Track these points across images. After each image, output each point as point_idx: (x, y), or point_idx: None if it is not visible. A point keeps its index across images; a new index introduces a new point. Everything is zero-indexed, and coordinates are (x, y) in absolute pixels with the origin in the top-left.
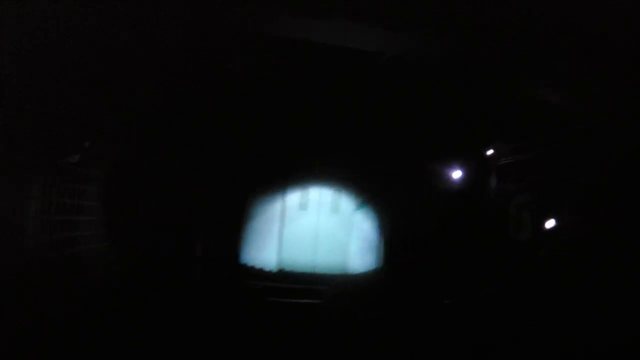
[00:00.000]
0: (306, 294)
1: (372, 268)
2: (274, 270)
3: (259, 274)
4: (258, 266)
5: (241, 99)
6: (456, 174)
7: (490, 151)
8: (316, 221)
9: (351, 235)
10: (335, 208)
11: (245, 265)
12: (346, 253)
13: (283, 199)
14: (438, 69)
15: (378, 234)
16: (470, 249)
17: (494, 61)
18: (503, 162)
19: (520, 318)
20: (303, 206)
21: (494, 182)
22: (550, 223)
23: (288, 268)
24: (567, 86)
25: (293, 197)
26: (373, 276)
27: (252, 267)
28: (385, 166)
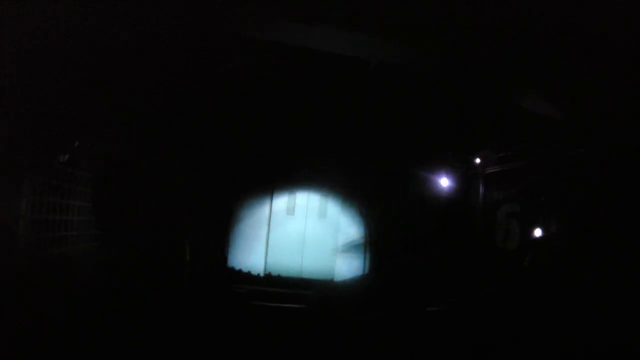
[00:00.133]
0: (293, 299)
1: (359, 273)
2: (261, 274)
3: (246, 278)
4: (245, 270)
5: (231, 104)
6: (444, 182)
7: (478, 159)
8: (303, 226)
9: (338, 240)
10: (322, 213)
11: (232, 269)
12: (333, 258)
13: (271, 204)
14: (429, 78)
15: (364, 240)
16: (457, 255)
17: (485, 70)
18: (491, 171)
19: (508, 322)
20: (290, 211)
21: (482, 190)
22: (537, 231)
23: (275, 272)
24: (561, 94)
25: (281, 202)
26: (359, 281)
27: (240, 271)
28: (373, 172)
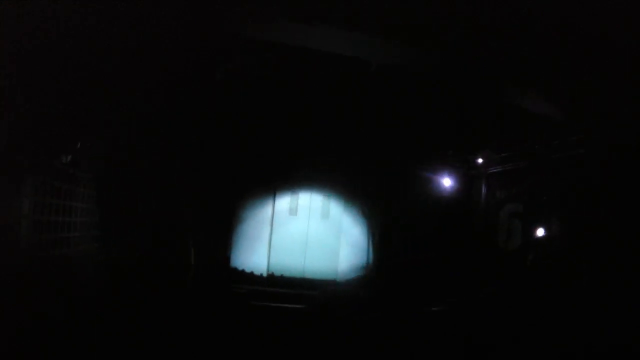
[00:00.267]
0: (295, 299)
1: (361, 273)
2: (264, 274)
3: (249, 278)
4: (248, 270)
5: (233, 104)
6: (446, 182)
7: (479, 159)
8: (306, 226)
9: (341, 240)
10: (325, 213)
11: (235, 269)
12: (335, 258)
13: (273, 204)
14: (430, 78)
15: (367, 240)
16: (458, 255)
17: (485, 70)
18: (492, 171)
19: (508, 322)
20: (293, 211)
21: (484, 190)
22: (538, 231)
23: (278, 272)
24: (561, 94)
25: (283, 202)
26: (361, 281)
27: (242, 271)
28: (375, 173)
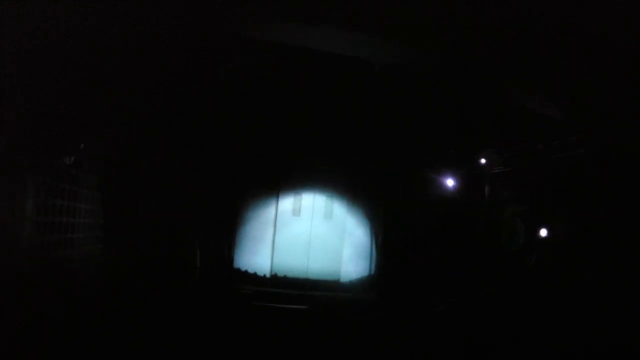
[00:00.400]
0: (298, 300)
1: (364, 274)
2: (267, 275)
3: (252, 279)
4: (251, 271)
5: (237, 105)
6: (449, 182)
7: (481, 160)
8: (309, 227)
9: (344, 241)
10: (328, 214)
11: (238, 270)
12: (339, 259)
13: (277, 205)
14: (432, 78)
15: (370, 241)
16: (459, 255)
17: (488, 70)
18: (494, 171)
19: (508, 322)
20: (296, 212)
21: (486, 190)
22: (538, 231)
23: (281, 273)
24: (561, 94)
25: (287, 203)
26: (364, 282)
27: (245, 272)
28: (379, 173)
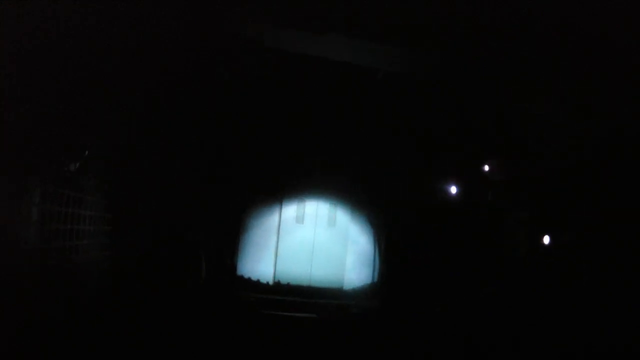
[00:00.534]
0: (302, 307)
1: (368, 281)
2: (270, 282)
3: (255, 286)
4: (254, 278)
5: (241, 112)
6: (453, 188)
7: (484, 164)
8: (313, 234)
9: (347, 248)
10: (331, 221)
11: (241, 277)
12: (342, 266)
13: (280, 212)
14: (436, 85)
15: (374, 248)
16: (466, 263)
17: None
18: (496, 174)
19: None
20: (300, 219)
21: (488, 194)
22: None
23: (284, 280)
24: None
25: (290, 210)
26: (368, 290)
27: (249, 279)
28: (382, 180)
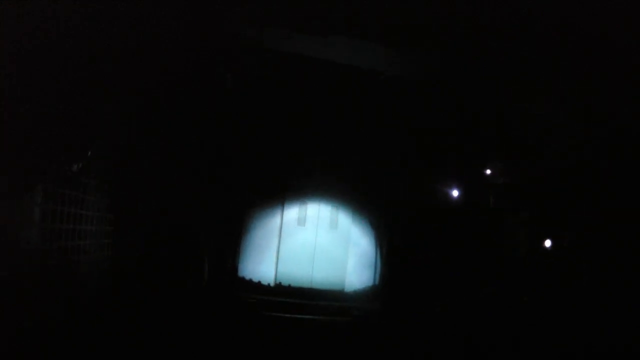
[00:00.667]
0: (303, 309)
1: (369, 283)
2: (272, 284)
3: (257, 288)
4: (256, 280)
5: (242, 114)
6: (454, 191)
7: (485, 166)
8: (314, 236)
9: (349, 250)
10: (333, 224)
11: (243, 278)
12: (343, 268)
13: (282, 214)
14: (436, 86)
15: (375, 250)
16: (468, 265)
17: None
18: (497, 176)
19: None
20: (301, 221)
21: (490, 195)
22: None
23: (286, 282)
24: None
25: (292, 213)
26: (369, 292)
27: (250, 281)
28: (384, 183)
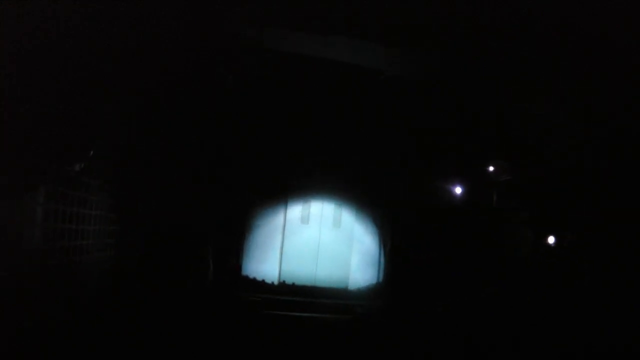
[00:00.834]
0: (307, 307)
1: (373, 281)
2: (275, 282)
3: (260, 286)
4: (259, 278)
5: (246, 113)
6: (457, 189)
7: (487, 165)
8: (318, 235)
9: (353, 249)
10: (337, 222)
11: (246, 277)
12: (347, 267)
13: (285, 213)
14: (438, 87)
15: (379, 248)
16: (470, 263)
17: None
18: (499, 175)
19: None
20: (305, 220)
21: (492, 195)
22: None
23: (289, 281)
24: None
25: (295, 211)
26: (373, 290)
27: (254, 279)
28: (387, 181)
